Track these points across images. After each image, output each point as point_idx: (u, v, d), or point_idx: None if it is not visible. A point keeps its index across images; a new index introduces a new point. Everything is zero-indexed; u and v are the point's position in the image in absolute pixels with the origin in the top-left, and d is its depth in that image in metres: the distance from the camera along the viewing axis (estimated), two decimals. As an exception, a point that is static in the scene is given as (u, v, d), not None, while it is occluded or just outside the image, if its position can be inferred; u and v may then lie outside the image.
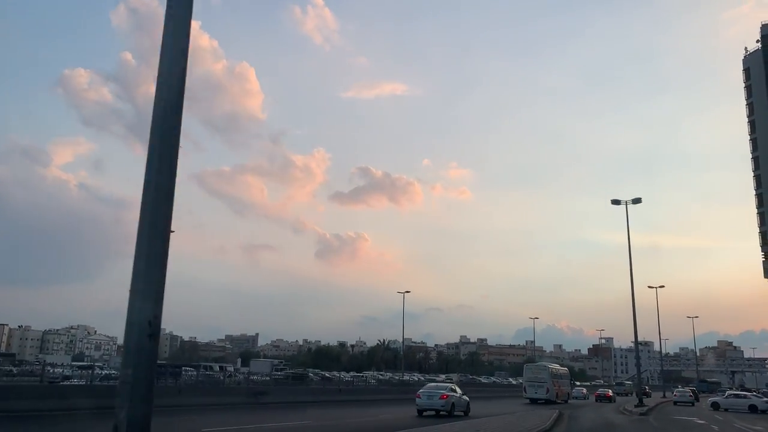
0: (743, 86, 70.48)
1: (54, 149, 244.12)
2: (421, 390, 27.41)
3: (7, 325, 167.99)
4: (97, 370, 36.24)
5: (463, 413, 26.61)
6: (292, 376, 39.47)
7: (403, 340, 73.83)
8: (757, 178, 67.96)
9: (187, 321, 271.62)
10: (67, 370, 35.24)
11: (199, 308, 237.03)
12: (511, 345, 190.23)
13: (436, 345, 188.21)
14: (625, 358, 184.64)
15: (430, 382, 66.51)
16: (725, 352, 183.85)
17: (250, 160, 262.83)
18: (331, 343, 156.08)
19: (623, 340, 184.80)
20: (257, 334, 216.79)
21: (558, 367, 52.43)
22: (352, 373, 66.53)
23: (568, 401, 47.60)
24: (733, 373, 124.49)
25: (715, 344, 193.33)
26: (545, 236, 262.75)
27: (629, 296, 39.24)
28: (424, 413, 25.91)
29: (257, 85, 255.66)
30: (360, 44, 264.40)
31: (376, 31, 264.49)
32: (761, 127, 67.23)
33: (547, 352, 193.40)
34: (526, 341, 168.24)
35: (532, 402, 42.40)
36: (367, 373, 76.84)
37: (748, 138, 69.47)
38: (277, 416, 23.14)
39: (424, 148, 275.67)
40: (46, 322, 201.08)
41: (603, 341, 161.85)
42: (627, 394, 69.18)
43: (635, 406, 36.55)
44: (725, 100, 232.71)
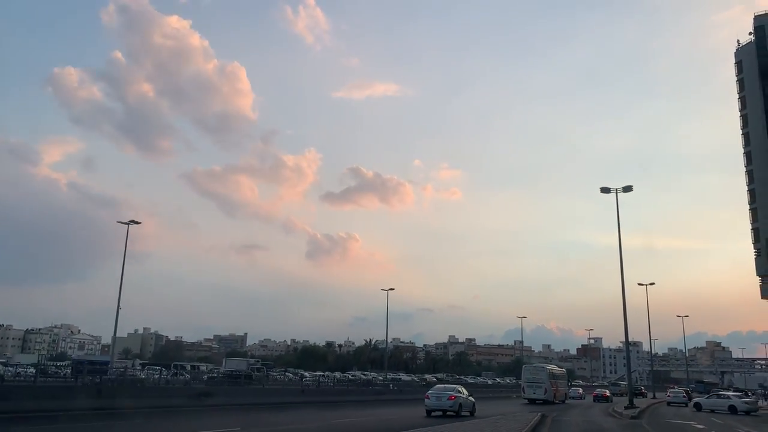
0: (735, 79, 68.92)
1: (44, 148, 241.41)
2: (430, 391, 27.84)
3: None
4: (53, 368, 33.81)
5: (469, 413, 27.06)
6: (241, 376, 36.93)
7: (387, 338, 71.66)
8: (749, 174, 66.30)
9: (176, 321, 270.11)
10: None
11: (188, 308, 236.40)
12: (499, 345, 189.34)
13: (424, 345, 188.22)
14: (614, 358, 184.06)
15: (421, 382, 64.75)
16: (713, 353, 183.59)
17: (241, 160, 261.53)
18: (321, 344, 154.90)
19: (612, 341, 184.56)
20: (246, 334, 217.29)
21: (555, 368, 53.26)
22: (321, 373, 64.25)
23: (566, 401, 48.22)
24: (723, 373, 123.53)
25: (704, 345, 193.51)
26: (536, 237, 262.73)
27: (618, 297, 37.47)
28: (433, 413, 26.27)
29: (248, 84, 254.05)
30: (352, 44, 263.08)
31: (368, 32, 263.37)
32: (753, 122, 65.62)
33: (536, 352, 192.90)
34: (515, 341, 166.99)
35: (530, 402, 42.76)
36: (349, 373, 74.73)
37: (740, 132, 67.84)
38: (202, 421, 20.65)
39: (415, 149, 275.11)
40: (32, 321, 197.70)
41: (592, 341, 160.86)
42: (623, 394, 69.67)
43: (626, 408, 34.20)
44: (716, 103, 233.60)
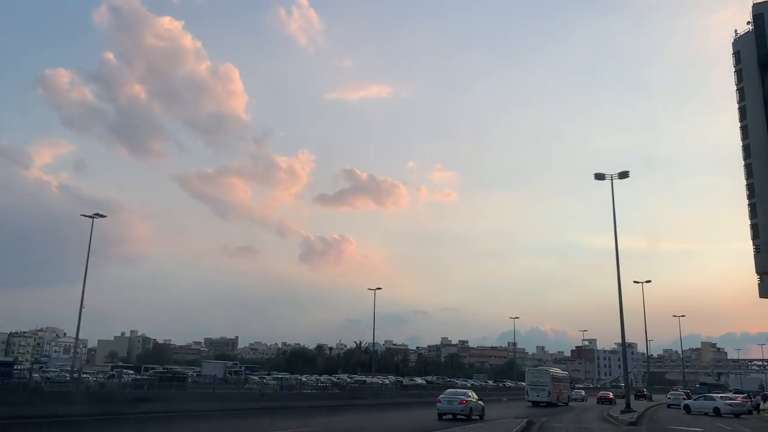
0: (733, 71, 66.60)
1: (35, 150, 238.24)
2: (442, 395, 28.33)
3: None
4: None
5: (479, 417, 27.63)
6: (185, 378, 33.95)
7: (374, 340, 68.90)
8: (748, 167, 63.90)
9: (168, 324, 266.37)
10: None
11: (181, 311, 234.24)
12: (492, 347, 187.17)
13: (417, 347, 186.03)
14: (608, 359, 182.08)
15: (395, 385, 62.06)
16: (708, 353, 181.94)
17: (234, 161, 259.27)
18: (312, 347, 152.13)
19: (606, 342, 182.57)
20: (237, 337, 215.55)
21: (558, 370, 54.06)
22: (286, 375, 61.21)
23: (569, 404, 49.00)
24: (719, 374, 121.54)
25: (699, 346, 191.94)
26: (531, 238, 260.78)
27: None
28: (444, 417, 26.72)
29: (241, 86, 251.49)
30: (345, 46, 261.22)
31: (362, 33, 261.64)
32: (752, 114, 63.26)
33: (530, 354, 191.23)
34: (508, 343, 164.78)
35: (534, 405, 43.30)
36: (334, 377, 72.02)
37: (738, 125, 65.52)
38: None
39: (409, 151, 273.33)
40: (21, 324, 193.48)
41: (586, 343, 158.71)
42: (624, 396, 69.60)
43: (622, 412, 31.49)
44: (711, 103, 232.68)
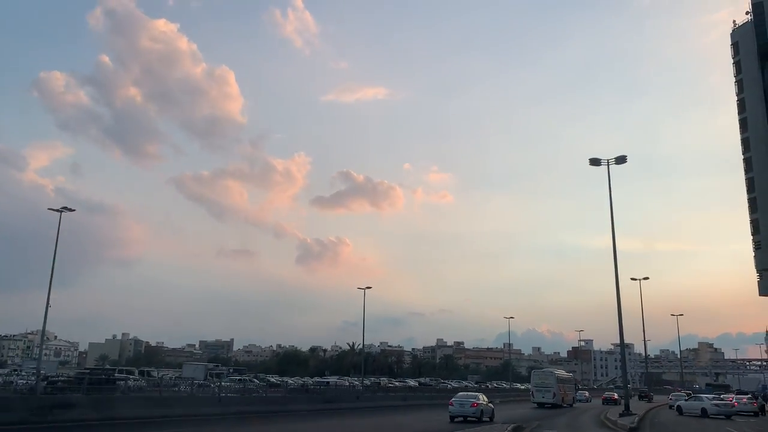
0: (731, 62, 64.96)
1: (30, 153, 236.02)
2: (454, 398, 28.68)
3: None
4: None
5: (489, 419, 27.72)
6: (112, 381, 31.43)
7: (363, 340, 66.72)
8: (747, 161, 62.32)
9: (164, 327, 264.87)
10: None
11: (177, 314, 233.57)
12: (488, 348, 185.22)
13: (413, 349, 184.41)
14: (605, 360, 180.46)
15: (371, 387, 59.98)
16: (702, 354, 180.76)
17: (230, 164, 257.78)
18: (309, 349, 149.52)
19: (603, 343, 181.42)
20: (232, 340, 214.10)
21: (563, 372, 54.57)
22: (282, 378, 58.58)
23: (573, 405, 49.37)
24: (717, 375, 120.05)
25: (695, 346, 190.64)
26: (527, 240, 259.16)
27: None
28: (455, 419, 27.02)
29: (237, 88, 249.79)
30: (341, 48, 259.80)
31: (357, 35, 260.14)
32: (751, 106, 61.52)
33: (526, 355, 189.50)
34: (504, 344, 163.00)
35: (539, 406, 43.51)
36: (324, 379, 69.88)
37: (738, 119, 63.84)
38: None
39: (405, 153, 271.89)
40: (13, 327, 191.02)
41: (582, 343, 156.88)
42: (630, 397, 70.48)
43: (621, 415, 29.34)
44: (706, 105, 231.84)
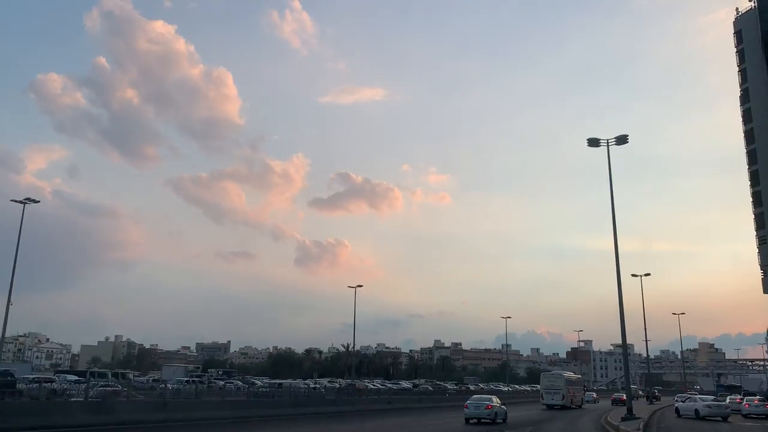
0: (734, 51, 62.80)
1: (28, 155, 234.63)
2: (469, 401, 29.53)
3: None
4: None
5: (502, 421, 28.68)
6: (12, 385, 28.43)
7: (354, 340, 64.33)
8: (751, 153, 60.02)
9: (162, 329, 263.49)
10: None
11: (174, 316, 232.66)
12: (486, 349, 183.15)
13: (410, 350, 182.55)
14: (605, 361, 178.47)
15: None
16: (702, 355, 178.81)
17: (228, 166, 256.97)
18: (308, 351, 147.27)
19: (602, 343, 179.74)
20: (229, 342, 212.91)
21: (572, 374, 55.28)
22: (268, 380, 55.95)
23: (582, 406, 50.01)
24: (719, 375, 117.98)
25: (696, 347, 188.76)
26: (526, 241, 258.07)
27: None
28: (470, 421, 27.94)
29: (235, 90, 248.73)
30: (339, 49, 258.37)
31: (355, 36, 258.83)
32: (755, 96, 59.30)
33: (524, 356, 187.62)
34: (502, 345, 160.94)
35: (549, 408, 44.08)
36: (310, 381, 67.63)
37: (740, 110, 61.64)
38: None
39: (403, 154, 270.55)
40: (7, 329, 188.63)
41: (582, 344, 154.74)
42: (637, 398, 71.41)
43: (623, 419, 26.86)
44: (702, 106, 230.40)
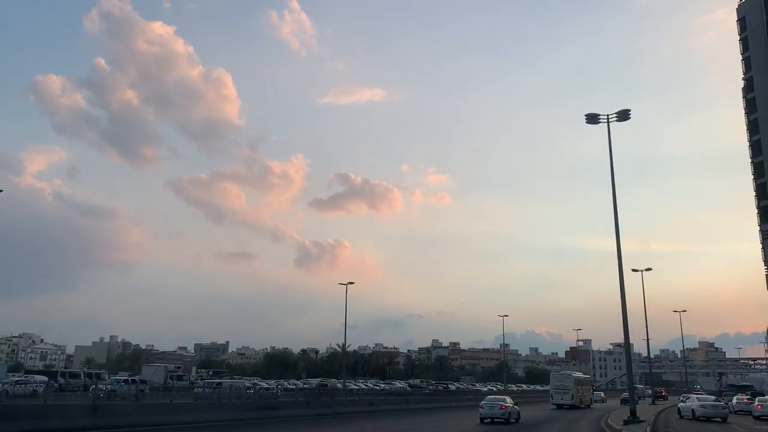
0: (738, 39, 60.91)
1: (27, 157, 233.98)
2: (483, 401, 30.38)
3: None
4: None
5: (515, 420, 29.61)
6: None
7: (345, 338, 62.14)
8: (755, 145, 58.11)
9: (161, 330, 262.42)
10: None
11: (174, 317, 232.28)
12: (484, 349, 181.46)
13: (408, 350, 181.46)
14: (604, 360, 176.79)
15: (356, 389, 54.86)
16: (702, 354, 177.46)
17: (228, 166, 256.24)
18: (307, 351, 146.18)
19: (601, 343, 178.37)
20: (227, 342, 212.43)
21: (581, 374, 55.77)
22: (258, 381, 53.95)
23: (591, 406, 50.54)
24: (720, 374, 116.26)
25: (696, 346, 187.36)
26: (525, 241, 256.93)
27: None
28: (485, 421, 28.90)
29: (234, 91, 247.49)
30: (337, 49, 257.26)
31: (354, 37, 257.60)
32: (760, 85, 57.34)
33: (523, 355, 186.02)
34: (500, 344, 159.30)
35: (558, 407, 44.65)
36: (300, 381, 65.58)
37: (743, 100, 59.69)
38: None
39: (403, 154, 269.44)
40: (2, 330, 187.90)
41: (581, 343, 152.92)
42: (642, 398, 72.12)
43: (625, 422, 24.76)
44: (702, 105, 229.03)
